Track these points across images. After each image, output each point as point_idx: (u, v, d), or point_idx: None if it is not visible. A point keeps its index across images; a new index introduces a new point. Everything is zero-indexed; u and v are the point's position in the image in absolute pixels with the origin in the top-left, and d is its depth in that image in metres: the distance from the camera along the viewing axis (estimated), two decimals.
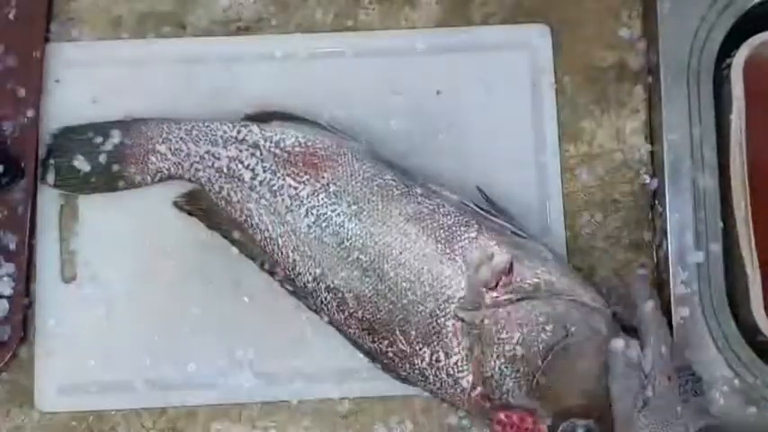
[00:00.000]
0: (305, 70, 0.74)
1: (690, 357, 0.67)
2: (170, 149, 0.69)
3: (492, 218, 0.67)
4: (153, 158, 0.70)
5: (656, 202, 0.71)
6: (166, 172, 0.70)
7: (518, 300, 0.63)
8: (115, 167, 0.70)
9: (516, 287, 0.64)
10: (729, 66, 0.69)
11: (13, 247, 0.70)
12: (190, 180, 0.70)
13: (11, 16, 0.73)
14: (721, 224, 0.69)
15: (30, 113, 0.71)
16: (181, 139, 0.69)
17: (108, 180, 0.70)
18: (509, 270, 0.64)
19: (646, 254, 0.72)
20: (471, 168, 0.72)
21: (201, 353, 0.70)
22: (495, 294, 0.64)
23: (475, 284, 0.64)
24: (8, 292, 0.69)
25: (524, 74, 0.74)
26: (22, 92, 0.72)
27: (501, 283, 0.64)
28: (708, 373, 0.67)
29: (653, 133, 0.73)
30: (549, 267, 0.65)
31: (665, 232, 0.69)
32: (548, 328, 0.63)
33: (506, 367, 0.63)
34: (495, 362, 0.63)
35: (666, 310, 0.68)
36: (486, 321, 0.63)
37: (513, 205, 0.69)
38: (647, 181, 0.73)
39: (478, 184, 0.70)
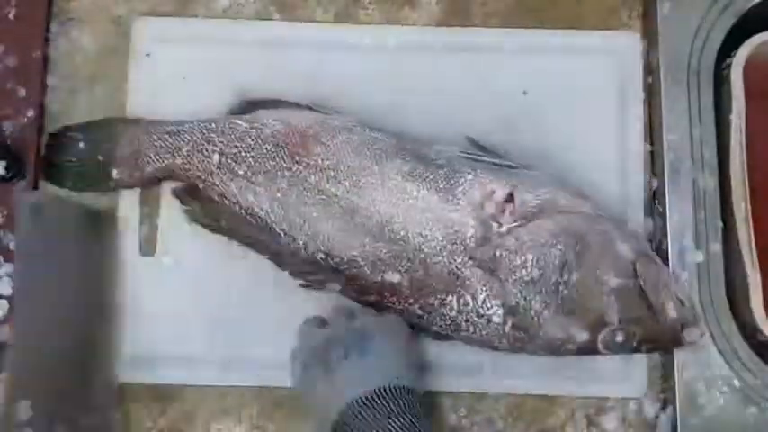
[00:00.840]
0: (394, 62, 0.74)
1: (690, 357, 0.67)
2: (157, 153, 0.70)
3: (484, 158, 0.67)
4: (142, 162, 0.70)
5: (656, 202, 0.71)
6: (159, 174, 0.70)
7: (524, 224, 0.64)
8: (108, 169, 0.70)
9: (521, 213, 0.65)
10: (729, 66, 0.70)
11: (12, 246, 0.69)
12: (185, 179, 0.70)
13: (11, 16, 0.73)
14: (721, 224, 0.69)
15: (30, 113, 0.72)
16: (166, 139, 0.70)
17: (100, 184, 0.71)
18: (510, 199, 0.65)
19: None
20: (554, 170, 0.71)
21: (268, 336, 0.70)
22: (502, 225, 0.64)
23: (483, 222, 0.65)
24: (8, 291, 0.69)
25: (612, 80, 0.74)
26: (22, 92, 0.72)
27: (506, 213, 0.65)
28: (708, 372, 0.67)
29: (653, 133, 0.73)
30: (548, 188, 0.66)
31: (665, 232, 0.69)
32: (557, 243, 0.63)
33: (529, 291, 0.63)
34: (516, 289, 0.63)
35: None
36: (497, 253, 0.64)
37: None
38: (648, 181, 0.73)
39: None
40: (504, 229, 0.64)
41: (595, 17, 0.75)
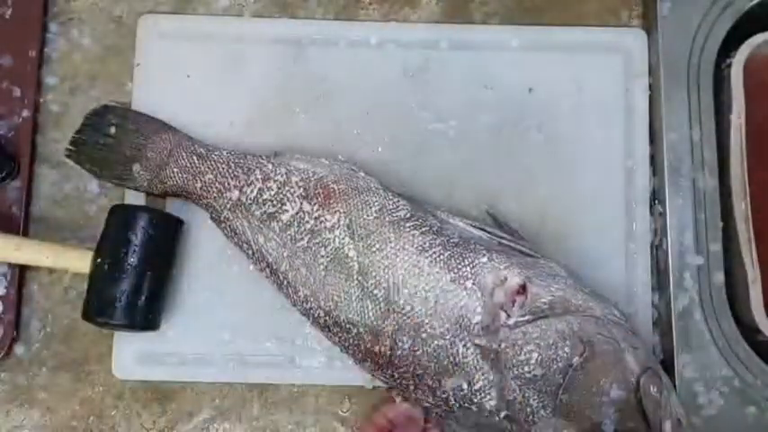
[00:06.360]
0: (397, 60, 0.73)
1: (690, 357, 0.68)
2: (181, 171, 0.68)
3: (502, 240, 0.66)
4: (164, 173, 0.68)
5: (656, 202, 0.71)
6: (175, 190, 0.69)
7: (533, 320, 0.62)
8: (135, 167, 0.68)
9: (532, 307, 0.63)
10: (729, 65, 0.70)
11: None
12: (199, 204, 0.69)
13: (7, 16, 0.73)
14: (721, 224, 0.69)
15: (24, 113, 0.71)
16: (194, 160, 0.68)
17: (120, 175, 0.69)
18: (523, 291, 0.63)
19: None
20: (560, 167, 0.72)
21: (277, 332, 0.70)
22: (510, 317, 0.62)
23: (491, 309, 0.63)
24: (1, 291, 0.69)
25: (618, 77, 0.73)
26: (17, 91, 0.72)
27: (516, 305, 0.63)
28: (708, 372, 0.67)
29: (653, 133, 0.73)
30: (562, 284, 0.64)
31: (665, 232, 0.69)
32: (565, 345, 0.62)
33: (528, 388, 0.62)
34: (515, 384, 0.62)
35: (667, 310, 0.69)
36: (503, 345, 0.62)
37: (601, 208, 0.71)
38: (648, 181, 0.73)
39: (565, 183, 0.71)
40: (511, 321, 0.62)
41: (595, 17, 0.75)
